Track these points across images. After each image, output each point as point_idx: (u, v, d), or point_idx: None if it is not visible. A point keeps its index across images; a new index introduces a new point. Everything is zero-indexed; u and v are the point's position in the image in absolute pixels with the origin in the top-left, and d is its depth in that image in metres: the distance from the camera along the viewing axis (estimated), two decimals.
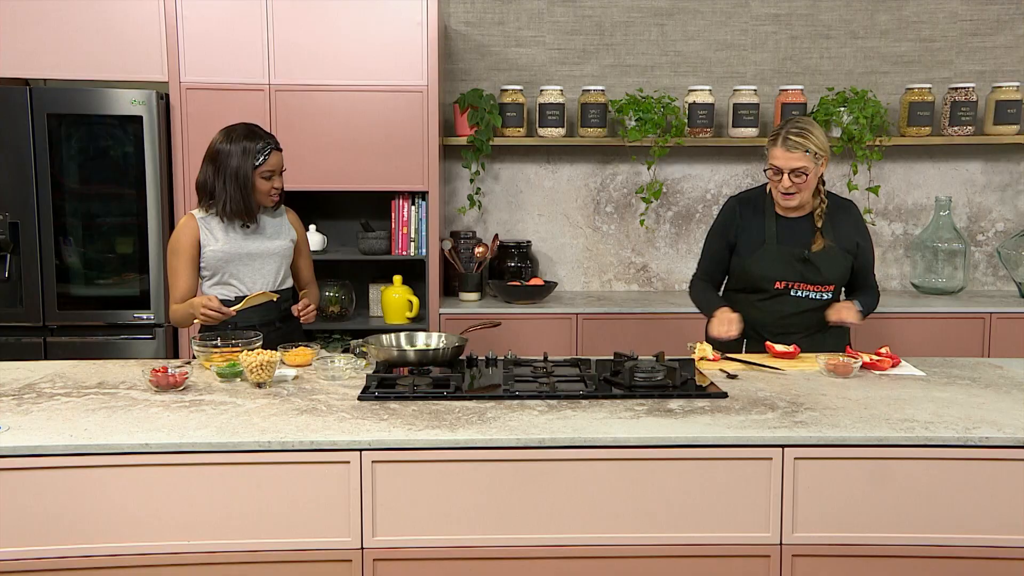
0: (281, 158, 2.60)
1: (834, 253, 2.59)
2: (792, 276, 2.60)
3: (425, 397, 2.07)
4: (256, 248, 2.60)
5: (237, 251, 2.57)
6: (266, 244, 2.62)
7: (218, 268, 2.58)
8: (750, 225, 2.64)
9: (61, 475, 1.77)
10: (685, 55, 4.04)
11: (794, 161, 2.47)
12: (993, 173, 4.12)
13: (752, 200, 2.68)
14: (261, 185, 2.55)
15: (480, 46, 4.02)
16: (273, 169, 2.56)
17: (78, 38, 3.42)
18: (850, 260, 2.62)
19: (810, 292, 2.61)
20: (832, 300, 2.63)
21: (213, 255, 2.56)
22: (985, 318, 3.66)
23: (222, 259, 2.56)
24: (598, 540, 1.84)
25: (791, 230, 2.61)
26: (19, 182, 3.39)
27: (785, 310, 2.62)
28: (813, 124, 2.53)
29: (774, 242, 2.61)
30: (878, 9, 4.02)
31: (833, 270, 2.59)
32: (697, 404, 2.04)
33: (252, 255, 2.60)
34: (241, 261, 2.58)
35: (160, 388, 2.14)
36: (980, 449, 1.82)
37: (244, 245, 2.58)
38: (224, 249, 2.56)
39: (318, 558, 1.82)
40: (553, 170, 4.10)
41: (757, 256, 2.62)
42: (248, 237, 2.60)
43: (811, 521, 1.85)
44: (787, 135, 2.48)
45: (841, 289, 2.68)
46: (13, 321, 3.47)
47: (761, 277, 2.62)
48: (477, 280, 3.87)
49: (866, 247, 2.66)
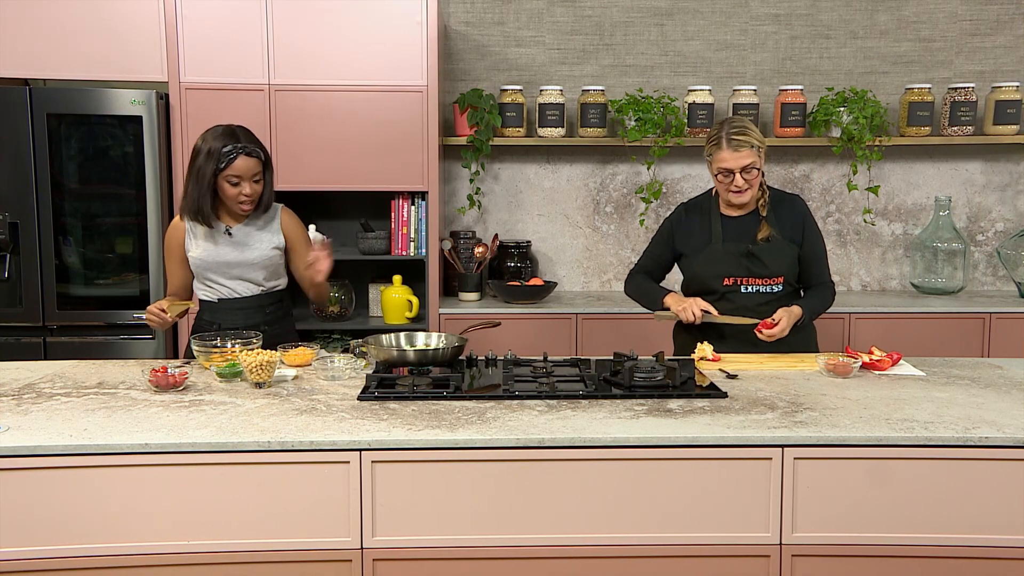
0: (252, 164, 2.47)
1: (778, 244, 2.60)
2: (738, 271, 2.61)
3: (425, 397, 2.07)
4: (234, 258, 2.56)
5: (214, 259, 2.56)
6: (244, 254, 2.57)
7: (198, 272, 2.60)
8: (695, 228, 2.69)
9: (61, 475, 1.76)
10: (685, 55, 4.05)
11: (743, 159, 2.51)
12: (993, 173, 4.12)
13: (699, 204, 2.74)
14: (228, 190, 2.48)
15: (480, 46, 4.02)
16: (240, 174, 2.46)
17: (78, 38, 3.42)
18: (795, 250, 2.62)
19: (760, 286, 2.62)
20: (783, 293, 2.63)
21: (195, 260, 2.57)
22: (985, 318, 3.66)
23: (201, 265, 2.57)
24: (598, 540, 1.84)
25: (736, 229, 2.64)
26: (19, 182, 3.39)
27: (740, 307, 2.62)
28: (745, 120, 2.58)
29: (719, 241, 2.64)
30: (878, 9, 4.02)
31: (778, 261, 2.60)
32: (697, 404, 2.04)
33: (230, 264, 2.57)
34: (219, 269, 2.57)
35: (160, 388, 2.14)
36: (980, 449, 1.82)
37: (221, 254, 2.56)
38: (201, 257, 2.55)
39: (318, 558, 1.82)
40: (553, 170, 4.10)
41: (704, 256, 2.65)
42: (228, 245, 2.56)
43: (811, 521, 1.85)
44: (730, 136, 2.52)
45: (793, 281, 2.65)
46: (13, 321, 3.47)
47: (708, 275, 2.65)
48: (477, 280, 3.87)
49: (813, 239, 2.65)
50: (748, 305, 2.61)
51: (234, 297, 2.60)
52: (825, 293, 2.67)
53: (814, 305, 2.62)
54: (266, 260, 2.60)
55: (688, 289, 2.75)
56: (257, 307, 2.62)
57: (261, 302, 2.63)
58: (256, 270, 2.60)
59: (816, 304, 2.63)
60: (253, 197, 2.52)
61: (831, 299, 2.68)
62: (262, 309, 2.64)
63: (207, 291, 2.62)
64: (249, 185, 2.49)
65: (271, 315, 2.66)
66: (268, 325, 2.64)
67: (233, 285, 2.59)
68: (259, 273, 2.61)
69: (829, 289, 2.68)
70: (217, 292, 2.60)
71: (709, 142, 2.59)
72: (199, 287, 2.64)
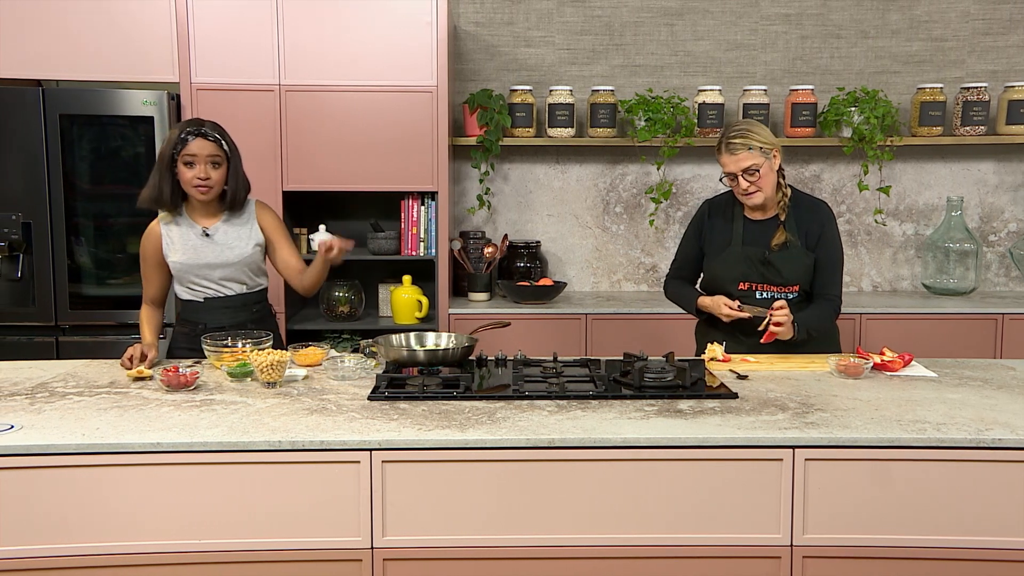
0: (208, 146, 2.45)
1: (795, 251, 2.57)
2: (754, 277, 2.60)
3: (435, 397, 2.07)
4: (214, 258, 2.55)
5: (195, 262, 2.54)
6: (224, 254, 2.55)
7: (180, 276, 2.57)
8: (718, 228, 2.68)
9: (74, 474, 1.77)
10: (695, 55, 4.04)
11: (742, 161, 2.50)
12: (1005, 173, 4.09)
13: (722, 203, 2.72)
14: (184, 173, 2.46)
15: (490, 46, 4.02)
16: (194, 154, 2.44)
17: (90, 39, 3.44)
18: (811, 258, 2.59)
19: (775, 293, 2.60)
20: (797, 300, 2.60)
21: (174, 264, 2.55)
22: (997, 319, 3.63)
23: (180, 267, 2.55)
24: (607, 540, 1.84)
25: (757, 232, 2.62)
26: (32, 182, 3.41)
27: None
28: (752, 123, 2.57)
29: (739, 243, 2.62)
30: (889, 8, 4.00)
31: (793, 271, 2.58)
32: (707, 405, 2.04)
33: (212, 266, 2.55)
34: (201, 272, 2.55)
35: (171, 388, 2.15)
36: (993, 451, 1.81)
37: (202, 256, 2.54)
38: (182, 261, 2.54)
39: (328, 557, 1.82)
40: (562, 170, 4.10)
41: (722, 257, 2.64)
42: (207, 246, 2.54)
43: (822, 522, 1.84)
44: (728, 140, 2.52)
45: (808, 290, 2.61)
46: (26, 321, 3.50)
47: (724, 278, 2.63)
48: (486, 280, 3.87)
49: (827, 248, 2.58)
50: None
51: (220, 296, 2.58)
52: (824, 308, 2.57)
53: (807, 319, 2.52)
54: (247, 259, 2.58)
55: (705, 289, 2.74)
56: (243, 305, 2.61)
57: (247, 300, 2.62)
58: (239, 269, 2.58)
59: (810, 319, 2.53)
60: (210, 182, 2.48)
61: (831, 315, 2.59)
62: (248, 308, 2.62)
63: (190, 292, 2.59)
64: (205, 168, 2.46)
65: (257, 313, 2.65)
66: (254, 324, 2.62)
67: (217, 287, 2.58)
68: (243, 272, 2.59)
69: (831, 304, 2.58)
70: (203, 292, 2.58)
71: (716, 146, 2.58)
72: (181, 290, 2.60)
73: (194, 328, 2.58)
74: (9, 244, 3.40)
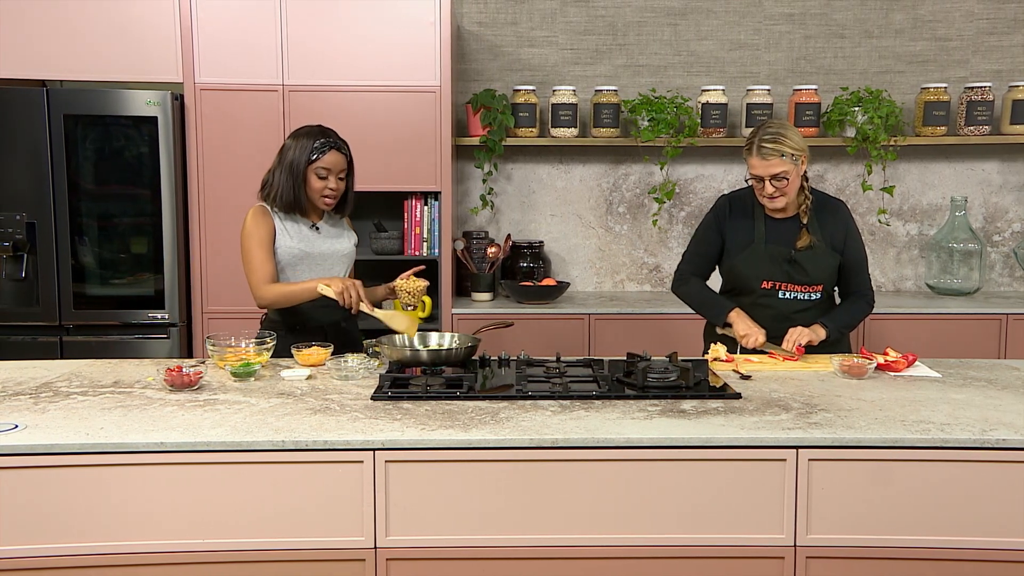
0: (341, 160, 2.55)
1: (820, 251, 2.57)
2: (779, 276, 2.59)
3: (438, 397, 2.07)
4: (326, 248, 2.61)
5: (308, 250, 2.58)
6: (334, 246, 2.64)
7: (286, 266, 2.57)
8: (739, 225, 2.64)
9: (77, 473, 1.78)
10: (698, 55, 4.03)
11: (772, 167, 2.47)
12: (1010, 173, 4.08)
13: (742, 200, 2.67)
14: (314, 183, 2.53)
15: (493, 46, 4.02)
16: (329, 167, 2.53)
17: (94, 40, 3.45)
18: (837, 259, 2.59)
19: (798, 293, 2.60)
20: (820, 300, 2.61)
21: (288, 251, 2.56)
22: (1001, 319, 3.63)
23: (296, 255, 2.56)
24: (610, 541, 1.83)
25: (779, 231, 2.61)
26: (36, 182, 3.42)
27: (775, 312, 2.60)
28: (785, 126, 2.52)
29: (762, 242, 2.60)
30: (893, 8, 4.00)
31: (819, 270, 2.58)
32: (710, 405, 2.04)
33: (324, 255, 2.61)
34: (312, 260, 2.59)
35: (175, 387, 2.15)
36: (997, 451, 1.81)
37: (315, 245, 2.59)
38: (298, 246, 2.56)
39: (331, 557, 1.82)
40: (566, 170, 4.10)
41: (745, 255, 2.61)
42: (319, 238, 2.61)
43: (825, 523, 1.84)
44: (761, 143, 2.47)
45: (830, 290, 2.63)
46: (30, 320, 3.50)
47: (749, 276, 2.61)
48: (490, 280, 3.87)
49: (855, 247, 2.61)
50: (784, 311, 2.59)
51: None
52: (860, 305, 2.62)
53: (844, 320, 2.57)
54: (351, 253, 2.69)
55: (724, 287, 2.72)
56: (339, 304, 2.59)
57: None
58: (343, 263, 2.66)
59: (846, 318, 2.58)
60: (337, 193, 2.58)
61: (866, 311, 2.63)
62: (342, 307, 2.60)
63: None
64: (335, 180, 2.56)
65: (348, 311, 2.62)
66: (346, 321, 2.68)
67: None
68: (342, 268, 2.67)
69: (865, 300, 2.63)
70: None
71: (746, 144, 2.54)
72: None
73: (292, 327, 2.57)
74: (13, 244, 3.41)
